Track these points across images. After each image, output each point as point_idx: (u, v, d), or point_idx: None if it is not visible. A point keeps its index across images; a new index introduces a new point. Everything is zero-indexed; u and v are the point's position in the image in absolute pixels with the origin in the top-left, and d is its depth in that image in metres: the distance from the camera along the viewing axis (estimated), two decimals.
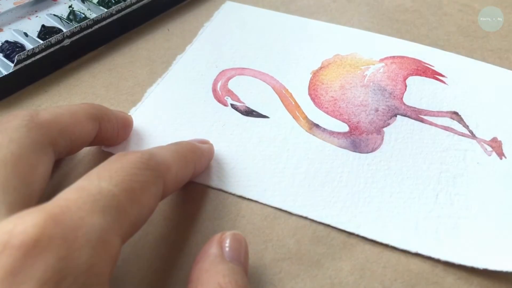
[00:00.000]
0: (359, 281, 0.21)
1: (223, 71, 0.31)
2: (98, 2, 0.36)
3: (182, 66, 0.31)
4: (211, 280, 0.17)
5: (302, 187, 0.24)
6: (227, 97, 0.29)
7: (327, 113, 0.28)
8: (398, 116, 0.28)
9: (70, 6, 0.36)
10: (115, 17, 0.33)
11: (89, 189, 0.16)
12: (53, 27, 0.34)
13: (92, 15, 0.35)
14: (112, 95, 0.30)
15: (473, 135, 0.27)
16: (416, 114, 0.28)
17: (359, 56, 0.32)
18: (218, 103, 0.29)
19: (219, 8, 0.37)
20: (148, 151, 0.19)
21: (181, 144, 0.22)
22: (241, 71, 0.31)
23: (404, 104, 0.29)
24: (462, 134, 0.27)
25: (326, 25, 0.35)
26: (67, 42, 0.31)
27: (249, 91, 0.30)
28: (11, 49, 0.31)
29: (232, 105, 0.29)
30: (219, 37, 0.34)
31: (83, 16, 0.35)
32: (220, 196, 0.24)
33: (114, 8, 0.33)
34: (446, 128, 0.28)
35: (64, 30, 0.31)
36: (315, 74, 0.31)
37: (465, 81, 0.31)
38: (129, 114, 0.28)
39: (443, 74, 0.31)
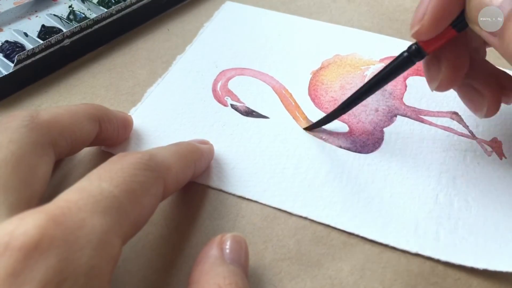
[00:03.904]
0: (359, 281, 0.21)
1: (223, 71, 0.31)
2: (98, 2, 0.36)
3: (182, 66, 0.31)
4: (211, 282, 0.17)
5: (302, 187, 0.24)
6: (227, 97, 0.29)
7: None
8: (398, 116, 0.28)
9: (70, 6, 0.36)
10: (115, 17, 0.33)
11: (90, 190, 0.16)
12: (53, 27, 0.34)
13: (92, 15, 0.35)
14: (112, 95, 0.30)
15: (473, 136, 0.27)
16: (416, 114, 0.28)
17: (359, 56, 0.32)
18: (218, 103, 0.29)
19: (219, 8, 0.37)
20: (148, 152, 0.19)
21: (181, 145, 0.22)
22: (241, 71, 0.31)
23: (404, 104, 0.29)
24: (462, 134, 0.27)
25: (326, 25, 0.35)
26: (67, 42, 0.31)
27: (249, 91, 0.30)
28: (11, 49, 0.31)
29: (232, 105, 0.29)
30: (219, 37, 0.34)
31: (83, 16, 0.35)
32: (220, 196, 0.24)
33: (114, 8, 0.33)
34: (446, 128, 0.28)
35: (64, 30, 0.31)
36: (315, 74, 0.31)
37: None
38: (129, 114, 0.28)
39: None
